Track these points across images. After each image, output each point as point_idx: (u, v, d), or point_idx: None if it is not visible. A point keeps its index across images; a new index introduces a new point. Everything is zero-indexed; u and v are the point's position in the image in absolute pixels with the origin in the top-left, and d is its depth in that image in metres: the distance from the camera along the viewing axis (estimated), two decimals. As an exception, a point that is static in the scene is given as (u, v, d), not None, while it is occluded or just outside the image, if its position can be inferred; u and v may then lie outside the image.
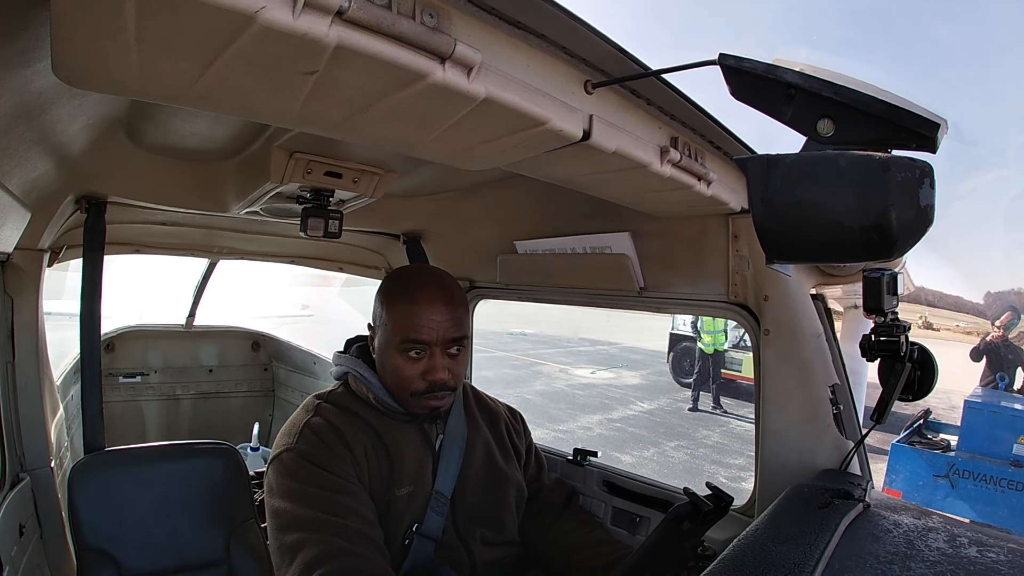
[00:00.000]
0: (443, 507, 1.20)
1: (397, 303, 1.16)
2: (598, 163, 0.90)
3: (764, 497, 1.28)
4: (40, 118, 0.93)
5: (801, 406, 1.25)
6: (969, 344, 7.04)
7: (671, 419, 8.88)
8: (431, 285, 1.18)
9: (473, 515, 1.24)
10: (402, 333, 1.14)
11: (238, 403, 3.48)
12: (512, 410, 1.48)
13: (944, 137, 0.64)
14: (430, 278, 1.20)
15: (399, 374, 1.15)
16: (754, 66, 0.67)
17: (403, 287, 1.18)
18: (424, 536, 1.17)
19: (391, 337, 1.16)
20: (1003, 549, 0.83)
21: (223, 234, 2.26)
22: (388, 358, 1.17)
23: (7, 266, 1.48)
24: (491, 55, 0.64)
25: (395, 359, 1.15)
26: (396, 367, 1.15)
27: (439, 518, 1.19)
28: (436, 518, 1.18)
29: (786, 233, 0.70)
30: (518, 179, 1.46)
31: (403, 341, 1.14)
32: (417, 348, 1.14)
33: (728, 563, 0.76)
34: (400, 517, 1.16)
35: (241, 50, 0.54)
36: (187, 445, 1.65)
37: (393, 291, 1.19)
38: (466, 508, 1.23)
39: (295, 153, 1.22)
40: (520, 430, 1.44)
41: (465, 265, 2.11)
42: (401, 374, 1.15)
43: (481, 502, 1.25)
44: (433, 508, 1.19)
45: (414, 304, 1.14)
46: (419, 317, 1.13)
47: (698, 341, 9.85)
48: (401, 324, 1.14)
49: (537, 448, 1.47)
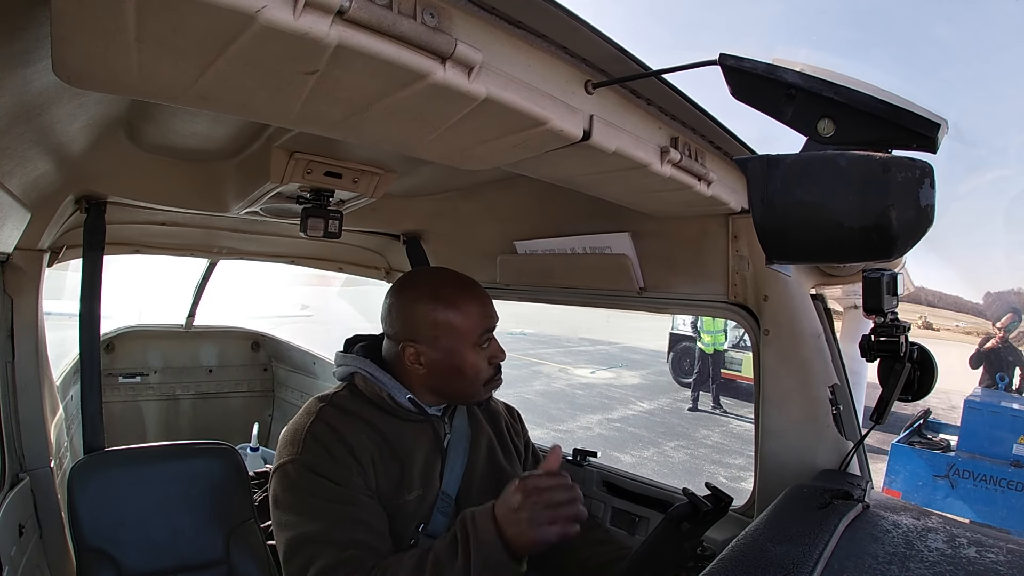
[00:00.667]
0: (447, 507, 1.19)
1: (440, 304, 1.17)
2: (598, 163, 0.90)
3: (763, 497, 1.28)
4: (40, 118, 0.93)
5: (801, 406, 1.25)
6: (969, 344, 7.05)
7: (671, 419, 8.88)
8: (459, 279, 1.23)
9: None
10: (481, 327, 1.18)
11: (238, 403, 3.48)
12: (510, 408, 1.47)
13: (944, 137, 0.64)
14: (451, 273, 1.26)
15: (477, 368, 1.18)
16: (754, 66, 0.67)
17: (440, 287, 1.20)
18: (429, 537, 1.16)
19: (465, 338, 1.17)
20: (1002, 549, 0.83)
21: (223, 234, 2.26)
22: (462, 360, 1.17)
23: (7, 266, 1.48)
24: (492, 55, 0.64)
25: (471, 357, 1.17)
26: (474, 364, 1.18)
27: (444, 519, 1.18)
28: (441, 519, 1.18)
29: (786, 233, 0.70)
30: (518, 179, 1.47)
31: (482, 334, 1.18)
32: (487, 337, 1.20)
33: (727, 563, 0.76)
34: (409, 519, 1.15)
35: (241, 50, 0.54)
36: (187, 445, 1.64)
37: (427, 295, 1.18)
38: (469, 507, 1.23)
39: (295, 153, 1.22)
40: (519, 428, 1.44)
41: (465, 265, 2.11)
42: (479, 367, 1.18)
43: (484, 502, 1.25)
44: (439, 509, 1.18)
45: (476, 301, 1.20)
46: (485, 307, 1.20)
47: (698, 341, 9.86)
48: (469, 321, 1.17)
49: (535, 446, 1.47)
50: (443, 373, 1.18)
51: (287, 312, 20.79)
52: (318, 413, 1.15)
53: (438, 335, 1.16)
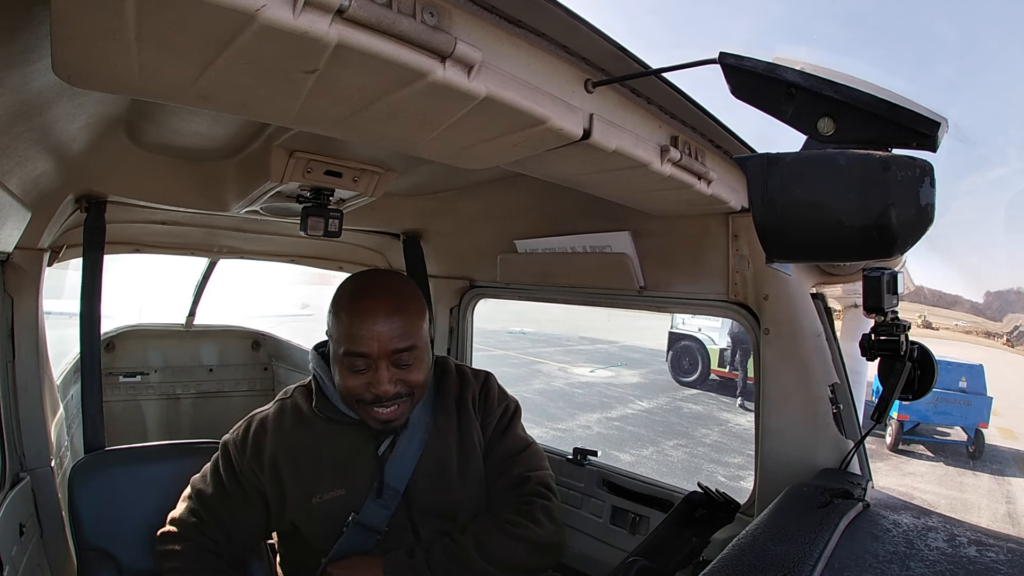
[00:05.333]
0: (392, 500, 1.19)
1: (341, 313, 1.14)
2: (598, 162, 0.90)
3: (764, 496, 1.28)
4: (40, 117, 0.93)
5: (801, 405, 1.25)
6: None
7: (670, 418, 8.88)
8: (375, 293, 1.14)
9: (427, 507, 1.22)
10: (345, 345, 1.11)
11: (238, 402, 3.47)
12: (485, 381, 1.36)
13: (944, 136, 0.64)
14: (375, 285, 1.17)
15: (345, 384, 1.14)
16: (755, 65, 0.67)
17: (348, 296, 1.16)
18: (363, 526, 1.18)
19: (336, 348, 1.14)
20: (1003, 549, 0.83)
21: (223, 233, 2.25)
22: (336, 369, 1.16)
23: (7, 265, 1.47)
24: (491, 54, 0.64)
25: (342, 370, 1.14)
26: (343, 378, 1.14)
27: (383, 511, 1.19)
28: (379, 510, 1.19)
29: (786, 232, 0.70)
30: (518, 178, 1.46)
31: (346, 354, 1.11)
32: (360, 361, 1.11)
33: (728, 562, 0.76)
34: (328, 518, 1.18)
35: (241, 49, 0.54)
36: (187, 444, 1.64)
37: (339, 300, 1.16)
38: (420, 500, 1.22)
39: (295, 152, 1.22)
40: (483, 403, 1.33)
41: (465, 264, 2.11)
42: (347, 384, 1.13)
43: (437, 493, 1.23)
44: (378, 502, 1.18)
45: (354, 315, 1.12)
46: (359, 328, 1.10)
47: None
48: (343, 335, 1.12)
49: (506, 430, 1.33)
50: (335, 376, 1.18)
51: (287, 311, 20.78)
52: (279, 401, 1.29)
53: (330, 335, 1.19)
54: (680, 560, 1.16)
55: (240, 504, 1.23)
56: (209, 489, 1.25)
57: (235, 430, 1.28)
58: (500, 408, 1.34)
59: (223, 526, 1.23)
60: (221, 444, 1.28)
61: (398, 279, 1.25)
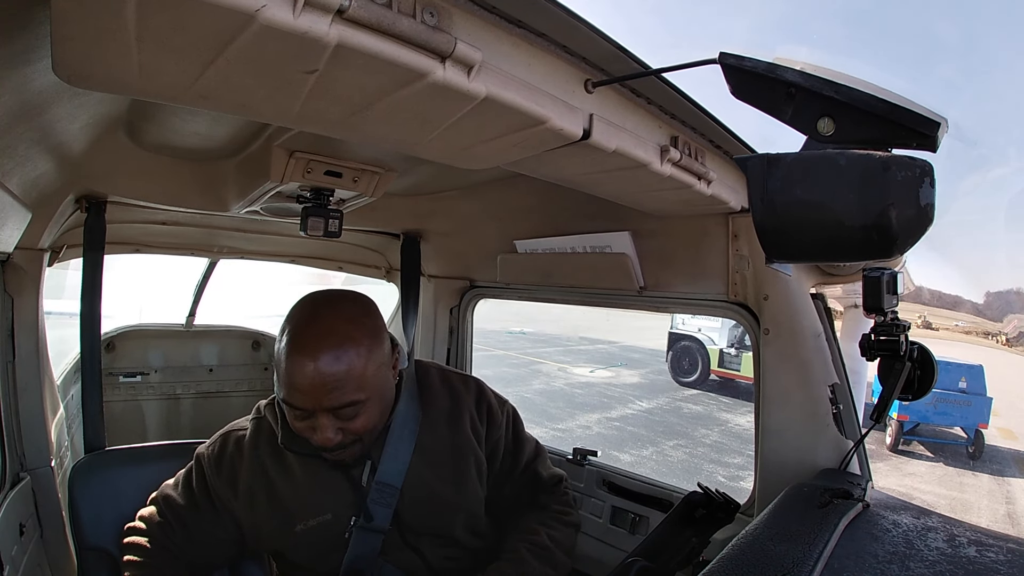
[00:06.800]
0: (391, 498, 1.14)
1: (280, 353, 1.01)
2: (598, 162, 0.90)
3: (764, 496, 1.28)
4: (40, 117, 0.93)
5: (801, 405, 1.25)
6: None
7: (670, 418, 8.88)
8: (313, 340, 0.99)
9: (421, 512, 1.18)
10: (283, 392, 1.01)
11: (238, 403, 3.47)
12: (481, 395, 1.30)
13: (944, 136, 0.64)
14: (315, 329, 1.01)
15: (292, 424, 1.05)
16: (755, 65, 0.67)
17: (287, 336, 1.01)
18: (367, 529, 1.13)
19: (277, 390, 1.04)
20: (1002, 549, 0.83)
21: (223, 233, 2.25)
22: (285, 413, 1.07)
23: (7, 266, 1.47)
24: (491, 54, 0.64)
25: (287, 411, 1.05)
26: (289, 419, 1.06)
27: (385, 509, 1.14)
28: (381, 509, 1.14)
29: (786, 232, 0.70)
30: (518, 178, 1.46)
31: (284, 401, 1.02)
32: (298, 412, 1.01)
33: (727, 562, 0.76)
34: (315, 543, 1.14)
35: (241, 49, 0.54)
36: (187, 445, 1.64)
37: (281, 336, 1.03)
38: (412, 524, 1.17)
39: (295, 152, 1.22)
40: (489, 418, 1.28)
41: (465, 264, 2.11)
42: (293, 424, 1.05)
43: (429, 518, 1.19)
44: (378, 502, 1.14)
45: (290, 362, 0.99)
46: (294, 378, 0.98)
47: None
48: (281, 380, 1.01)
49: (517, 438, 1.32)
50: None
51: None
52: (252, 421, 1.23)
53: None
54: (680, 560, 1.17)
55: (209, 521, 1.18)
56: (180, 499, 1.20)
57: (211, 444, 1.23)
58: (503, 416, 1.30)
59: (189, 536, 1.19)
60: (196, 455, 1.23)
61: (348, 312, 1.06)
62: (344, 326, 1.03)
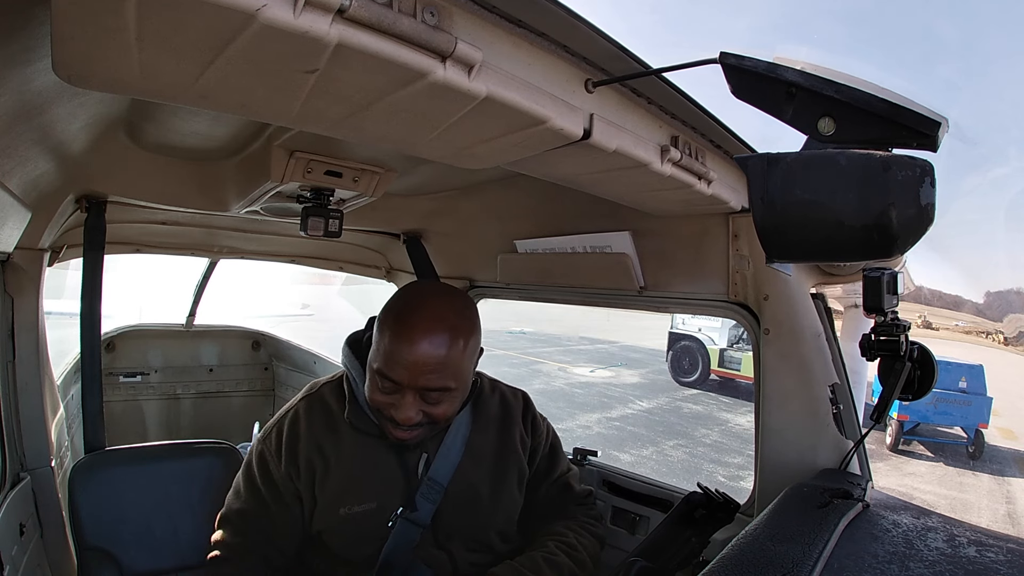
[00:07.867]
0: (436, 494, 1.17)
1: (384, 327, 1.08)
2: (598, 162, 0.90)
3: (763, 496, 1.28)
4: (40, 117, 0.93)
5: (801, 405, 1.25)
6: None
7: (670, 418, 8.89)
8: (424, 320, 1.06)
9: (460, 513, 1.20)
10: (378, 362, 1.07)
11: (238, 402, 3.48)
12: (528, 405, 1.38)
13: (945, 135, 0.64)
14: (429, 311, 1.08)
15: (370, 395, 1.11)
16: (755, 65, 0.67)
17: (397, 312, 1.09)
18: (410, 522, 1.15)
19: (371, 359, 1.10)
20: (1002, 549, 0.83)
21: (223, 233, 2.26)
22: (367, 375, 1.12)
23: (7, 266, 1.47)
24: (492, 53, 0.64)
25: (371, 381, 1.11)
26: (370, 389, 1.11)
27: (430, 505, 1.17)
28: (426, 504, 1.16)
29: (786, 232, 0.70)
30: (518, 178, 1.46)
31: (377, 372, 1.07)
32: (388, 384, 1.07)
33: (727, 562, 0.76)
34: (357, 530, 1.15)
35: (242, 48, 0.54)
36: (187, 444, 1.64)
37: (388, 311, 1.11)
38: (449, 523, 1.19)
39: (295, 152, 1.22)
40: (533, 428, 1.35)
41: (465, 264, 2.11)
42: (372, 396, 1.11)
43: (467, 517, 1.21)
44: (426, 496, 1.16)
45: (395, 336, 1.05)
46: (396, 353, 1.04)
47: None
48: (380, 352, 1.07)
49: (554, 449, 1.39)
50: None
51: (288, 311, 20.78)
52: (304, 400, 1.24)
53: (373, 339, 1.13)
54: (680, 560, 1.17)
55: (280, 510, 1.18)
56: (249, 504, 1.20)
57: (266, 438, 1.22)
58: (544, 427, 1.38)
59: (267, 537, 1.18)
60: (256, 454, 1.22)
61: (458, 304, 1.13)
62: (454, 317, 1.09)
